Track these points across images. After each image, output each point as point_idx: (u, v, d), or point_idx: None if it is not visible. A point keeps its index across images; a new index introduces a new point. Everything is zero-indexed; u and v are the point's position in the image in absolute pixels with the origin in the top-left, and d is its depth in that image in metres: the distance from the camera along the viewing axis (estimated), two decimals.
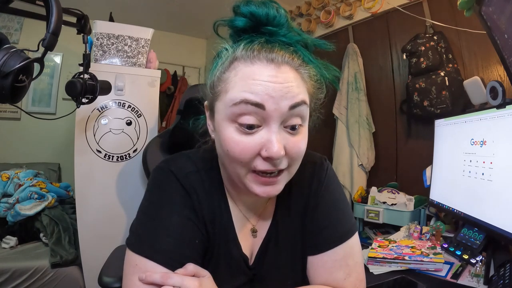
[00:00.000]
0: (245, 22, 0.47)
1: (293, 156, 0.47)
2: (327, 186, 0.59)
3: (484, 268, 0.87)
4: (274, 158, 0.44)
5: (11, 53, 0.63)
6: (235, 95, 0.44)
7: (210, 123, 0.53)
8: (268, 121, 0.44)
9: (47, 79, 2.81)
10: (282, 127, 0.45)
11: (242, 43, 0.47)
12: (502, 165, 0.92)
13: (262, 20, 0.46)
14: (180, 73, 3.49)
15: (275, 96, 0.43)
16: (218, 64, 0.48)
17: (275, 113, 0.43)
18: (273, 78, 0.44)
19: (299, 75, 0.47)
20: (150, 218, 0.51)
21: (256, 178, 0.47)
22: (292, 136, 0.46)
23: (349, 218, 0.60)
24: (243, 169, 0.46)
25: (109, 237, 1.56)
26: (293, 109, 0.44)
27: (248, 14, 0.46)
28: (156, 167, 0.57)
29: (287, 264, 0.58)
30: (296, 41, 0.48)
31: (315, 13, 2.43)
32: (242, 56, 0.46)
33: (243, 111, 0.43)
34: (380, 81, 2.07)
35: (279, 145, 0.43)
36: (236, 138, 0.44)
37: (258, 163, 0.45)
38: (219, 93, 0.47)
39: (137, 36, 1.66)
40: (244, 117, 0.43)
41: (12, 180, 2.04)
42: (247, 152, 0.44)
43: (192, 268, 0.47)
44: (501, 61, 0.92)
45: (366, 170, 2.05)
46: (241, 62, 0.46)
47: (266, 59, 0.45)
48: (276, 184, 0.48)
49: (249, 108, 0.43)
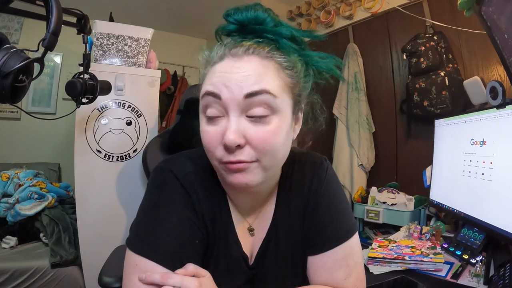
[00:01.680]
0: (234, 27, 0.50)
1: (258, 147, 0.45)
2: (327, 186, 0.59)
3: (484, 268, 0.87)
4: (228, 146, 0.44)
5: (11, 53, 0.63)
6: (202, 89, 0.48)
7: None
8: (227, 110, 0.45)
9: (47, 79, 2.81)
10: (244, 116, 0.46)
11: (217, 45, 0.51)
12: (502, 165, 0.92)
13: (244, 23, 0.49)
14: (180, 73, 3.49)
15: (230, 85, 0.45)
16: (201, 68, 0.52)
17: (231, 102, 0.45)
18: (231, 68, 0.46)
19: (270, 64, 0.47)
20: (150, 218, 0.52)
21: (226, 167, 0.47)
22: (255, 126, 0.45)
23: (349, 218, 0.60)
24: (214, 160, 0.48)
25: (109, 237, 1.56)
26: (250, 98, 0.44)
27: (233, 21, 0.50)
28: (155, 167, 0.57)
29: (287, 264, 0.58)
30: (277, 34, 0.49)
31: (315, 13, 2.43)
32: (217, 57, 0.49)
33: (207, 103, 0.47)
34: (380, 81, 2.07)
35: (235, 133, 0.44)
36: (205, 128, 0.48)
37: (222, 153, 0.46)
38: (199, 91, 0.51)
39: (137, 36, 1.66)
40: (208, 109, 0.47)
41: (12, 180, 2.04)
42: (212, 141, 0.47)
43: (192, 268, 0.47)
44: (501, 61, 0.93)
45: (366, 170, 2.06)
46: (216, 62, 0.49)
47: (231, 55, 0.48)
48: (246, 173, 0.47)
49: (210, 99, 0.46)
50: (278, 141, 0.47)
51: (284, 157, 0.52)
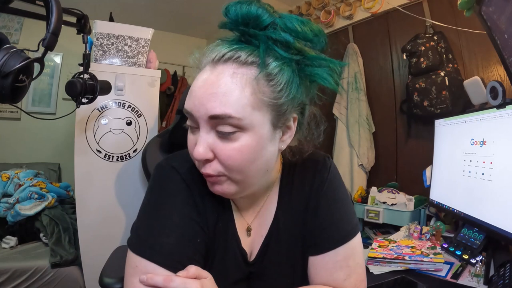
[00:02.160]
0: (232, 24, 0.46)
1: (224, 163, 0.45)
2: (329, 185, 0.58)
3: (484, 268, 0.87)
4: (196, 159, 0.47)
5: (11, 53, 0.63)
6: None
7: None
8: (198, 124, 0.47)
9: (47, 79, 2.81)
10: (215, 131, 0.46)
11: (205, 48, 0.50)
12: (502, 165, 0.92)
13: (236, 21, 0.46)
14: (180, 73, 3.49)
15: (197, 104, 0.45)
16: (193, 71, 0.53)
17: (200, 120, 0.46)
18: (202, 82, 0.46)
19: (243, 75, 0.44)
20: (151, 218, 0.51)
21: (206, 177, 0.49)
22: (223, 142, 0.45)
23: (351, 218, 0.59)
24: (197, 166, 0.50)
25: (109, 237, 1.56)
26: (213, 120, 0.44)
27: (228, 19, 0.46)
28: (157, 164, 0.57)
29: (287, 262, 0.58)
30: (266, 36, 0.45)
31: (315, 13, 2.43)
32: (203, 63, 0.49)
33: (186, 115, 0.49)
34: (380, 81, 2.07)
35: (201, 147, 0.45)
36: (188, 134, 0.50)
37: (199, 164, 0.49)
38: None
39: (137, 36, 1.66)
40: (188, 120, 0.49)
41: (12, 180, 2.04)
42: (191, 148, 0.49)
43: (193, 270, 0.46)
44: (501, 61, 0.93)
45: (366, 170, 2.05)
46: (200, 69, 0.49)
47: (210, 62, 0.47)
48: (219, 185, 0.49)
49: (187, 114, 0.48)
50: (247, 157, 0.45)
51: (260, 170, 0.49)
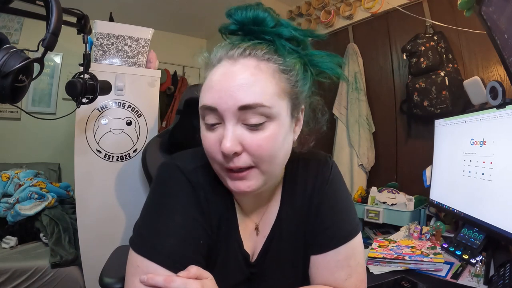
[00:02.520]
0: (235, 27, 0.50)
1: (255, 153, 0.46)
2: (331, 185, 0.59)
3: (484, 268, 0.87)
4: (225, 154, 0.45)
5: (11, 53, 0.63)
6: (200, 99, 0.48)
7: None
8: (223, 119, 0.46)
9: (47, 79, 2.81)
10: (241, 123, 0.46)
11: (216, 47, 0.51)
12: (502, 165, 0.92)
13: (243, 23, 0.49)
14: (180, 73, 3.49)
15: (224, 97, 0.45)
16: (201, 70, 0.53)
17: (226, 113, 0.45)
18: (225, 76, 0.46)
19: (266, 67, 0.47)
20: (154, 217, 0.51)
21: (227, 173, 0.48)
22: (252, 133, 0.46)
23: (353, 218, 0.59)
24: (215, 164, 0.49)
25: (109, 237, 1.56)
26: (244, 110, 0.44)
27: (234, 20, 0.50)
28: (162, 163, 0.56)
29: (289, 262, 0.58)
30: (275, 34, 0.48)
31: (315, 13, 2.43)
32: (215, 59, 0.49)
33: (204, 113, 0.48)
34: (380, 81, 2.07)
35: (231, 141, 0.44)
36: (204, 134, 0.49)
37: (222, 159, 0.47)
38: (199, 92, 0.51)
39: (137, 36, 1.66)
40: (206, 117, 0.48)
41: (12, 180, 2.04)
42: (212, 147, 0.47)
43: (195, 271, 0.46)
44: (501, 61, 0.93)
45: (366, 170, 2.05)
46: (215, 65, 0.49)
47: (227, 57, 0.48)
48: (246, 180, 0.48)
49: (207, 110, 0.47)
50: (275, 146, 0.47)
51: (284, 160, 0.52)
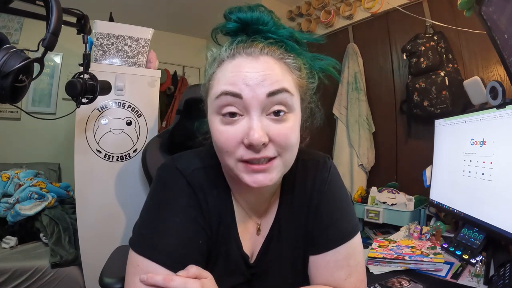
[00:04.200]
0: (235, 26, 0.50)
1: (281, 143, 0.47)
2: (330, 185, 0.59)
3: (484, 268, 0.87)
4: (255, 145, 0.44)
5: (11, 53, 0.63)
6: (217, 89, 0.47)
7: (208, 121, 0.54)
8: (248, 109, 0.45)
9: (47, 79, 2.81)
10: (265, 115, 0.46)
11: (226, 44, 0.50)
12: (502, 165, 0.92)
13: (248, 22, 0.49)
14: (180, 73, 3.49)
15: (251, 85, 0.45)
16: (208, 66, 0.52)
17: (253, 101, 0.45)
18: (250, 68, 0.46)
19: (282, 65, 0.49)
20: (153, 218, 0.51)
21: (245, 167, 0.47)
22: (276, 123, 0.46)
23: (352, 218, 0.60)
24: (231, 159, 0.47)
25: (109, 237, 1.56)
26: (272, 96, 0.45)
27: (236, 19, 0.50)
28: (162, 164, 0.56)
29: (288, 262, 0.58)
30: (281, 36, 0.50)
31: (315, 13, 2.43)
32: (227, 56, 0.49)
33: (224, 103, 0.46)
34: (380, 81, 2.07)
35: (260, 132, 0.44)
36: (221, 128, 0.47)
37: (243, 152, 0.46)
38: (208, 90, 0.51)
39: (137, 36, 1.66)
40: (225, 108, 0.46)
41: (12, 180, 2.04)
42: (231, 141, 0.46)
43: (194, 270, 0.46)
44: (501, 61, 0.92)
45: (366, 170, 2.05)
46: (227, 61, 0.49)
47: (245, 54, 0.48)
48: (268, 173, 0.47)
49: (229, 99, 0.45)
50: (295, 137, 0.49)
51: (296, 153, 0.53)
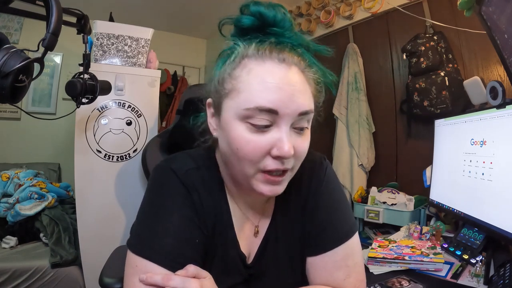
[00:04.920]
0: (252, 21, 0.48)
1: (300, 156, 0.49)
2: (326, 186, 0.59)
3: (484, 268, 0.87)
4: (285, 157, 0.45)
5: (11, 53, 0.63)
6: (249, 98, 0.45)
7: (213, 121, 0.53)
8: (279, 122, 0.45)
9: (47, 79, 2.81)
10: (291, 128, 0.47)
11: (253, 42, 0.48)
12: (502, 165, 0.92)
13: (269, 21, 0.48)
14: (180, 73, 3.49)
15: (287, 102, 0.45)
16: (227, 60, 0.49)
17: (286, 117, 0.45)
18: (284, 80, 0.45)
19: (305, 78, 0.49)
20: (150, 218, 0.51)
21: (264, 177, 0.47)
22: (299, 136, 0.48)
23: (349, 218, 0.60)
24: (252, 168, 0.47)
25: (109, 237, 1.56)
26: (302, 115, 0.47)
27: (256, 13, 0.47)
28: (156, 166, 0.56)
29: (286, 263, 0.58)
30: (300, 44, 0.50)
31: (315, 13, 2.42)
32: (253, 54, 0.47)
33: (257, 115, 0.45)
34: (380, 81, 2.07)
35: (289, 144, 0.45)
36: (247, 136, 0.45)
37: (268, 162, 0.46)
38: (230, 91, 0.47)
39: (137, 36, 1.66)
40: (256, 118, 0.45)
41: (12, 180, 2.04)
42: (258, 151, 0.45)
43: (193, 270, 0.46)
44: (501, 61, 0.92)
45: (366, 170, 2.05)
46: (252, 60, 0.47)
47: (277, 59, 0.46)
48: (281, 184, 0.49)
49: (263, 113, 0.44)
50: (307, 148, 0.51)
51: None
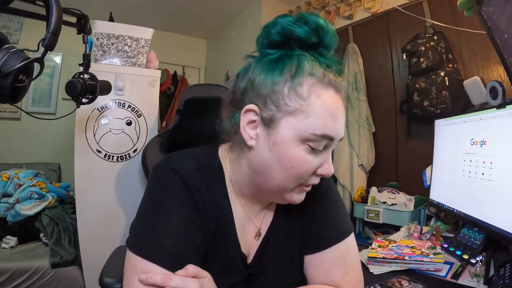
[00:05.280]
0: (308, 34, 0.47)
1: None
2: (326, 187, 0.61)
3: (484, 268, 0.87)
4: (328, 176, 0.52)
5: (11, 53, 0.63)
6: (318, 125, 0.47)
7: (250, 129, 0.50)
8: (329, 146, 0.50)
9: (47, 79, 2.82)
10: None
11: (317, 62, 0.48)
12: (502, 165, 0.92)
13: (324, 41, 0.48)
14: (180, 73, 3.49)
15: (340, 130, 0.50)
16: (285, 69, 0.47)
17: (335, 142, 0.51)
18: (342, 110, 0.50)
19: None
20: (150, 218, 0.51)
21: (301, 189, 0.52)
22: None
23: (346, 218, 0.62)
24: (295, 183, 0.50)
25: (109, 237, 1.56)
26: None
27: (315, 27, 0.47)
28: (156, 165, 0.56)
29: (286, 262, 0.59)
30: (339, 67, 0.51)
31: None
32: (319, 77, 0.47)
33: (319, 139, 0.48)
34: (380, 81, 2.07)
35: (332, 165, 0.52)
36: (306, 157, 0.48)
37: (312, 178, 0.51)
38: (295, 110, 0.47)
39: (137, 36, 1.66)
40: (317, 143, 0.48)
41: (12, 180, 2.04)
42: (311, 170, 0.50)
43: (192, 270, 0.46)
44: (501, 61, 0.92)
45: (366, 170, 2.05)
46: (319, 84, 0.47)
47: (336, 87, 0.49)
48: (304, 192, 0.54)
49: (325, 139, 0.48)
50: None
51: None
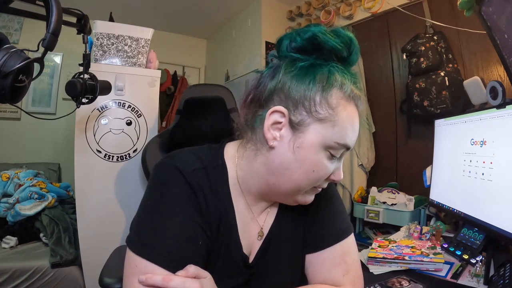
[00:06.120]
0: (341, 47, 0.50)
1: None
2: (327, 187, 0.60)
3: (484, 268, 0.87)
4: (338, 181, 0.56)
5: (11, 53, 0.63)
6: (341, 136, 0.50)
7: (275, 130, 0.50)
8: (343, 154, 0.54)
9: (47, 79, 2.82)
10: None
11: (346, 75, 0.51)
12: (502, 165, 0.92)
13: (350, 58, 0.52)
14: (180, 73, 3.49)
15: (355, 142, 0.53)
16: (317, 76, 0.49)
17: (348, 151, 0.54)
18: (355, 122, 0.52)
19: None
20: (152, 217, 0.50)
21: (313, 190, 0.55)
22: None
23: (346, 218, 0.63)
24: (310, 185, 0.53)
25: (109, 237, 1.56)
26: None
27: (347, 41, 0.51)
28: (159, 162, 0.55)
29: (287, 262, 0.59)
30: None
31: (315, 13, 2.43)
32: (347, 92, 0.50)
33: (339, 148, 0.51)
34: (380, 81, 2.07)
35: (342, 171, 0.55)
36: (325, 163, 0.51)
37: (324, 183, 0.54)
38: (324, 118, 0.49)
39: (137, 36, 1.66)
40: (337, 151, 0.51)
41: (12, 180, 2.04)
42: (327, 175, 0.52)
43: (193, 270, 0.46)
44: (501, 61, 0.92)
45: (366, 170, 2.05)
46: (345, 97, 0.50)
47: (355, 103, 0.51)
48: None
49: (344, 148, 0.52)
50: None
51: None
